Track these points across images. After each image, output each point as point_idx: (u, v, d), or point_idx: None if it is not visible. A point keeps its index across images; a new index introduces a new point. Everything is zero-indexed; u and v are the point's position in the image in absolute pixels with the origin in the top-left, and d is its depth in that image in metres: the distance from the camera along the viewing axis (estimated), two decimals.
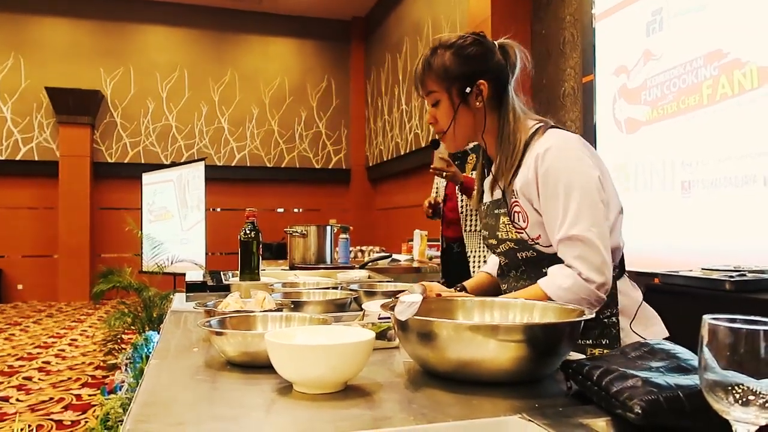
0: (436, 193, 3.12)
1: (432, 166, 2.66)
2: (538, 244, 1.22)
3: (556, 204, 1.17)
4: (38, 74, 8.48)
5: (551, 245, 1.21)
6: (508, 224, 1.26)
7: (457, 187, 2.84)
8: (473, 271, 2.81)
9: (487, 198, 1.36)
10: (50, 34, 8.61)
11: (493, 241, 1.32)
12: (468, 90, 1.26)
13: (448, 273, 2.98)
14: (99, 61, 8.75)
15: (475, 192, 1.45)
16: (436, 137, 1.36)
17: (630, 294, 1.28)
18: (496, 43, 1.31)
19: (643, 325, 1.25)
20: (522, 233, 1.24)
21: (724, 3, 2.93)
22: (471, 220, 2.85)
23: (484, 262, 2.77)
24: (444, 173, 2.62)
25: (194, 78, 9.12)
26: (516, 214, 1.24)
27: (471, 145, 2.94)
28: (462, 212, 2.87)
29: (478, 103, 1.27)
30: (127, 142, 8.86)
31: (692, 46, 3.10)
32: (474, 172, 2.79)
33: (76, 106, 8.43)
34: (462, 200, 2.87)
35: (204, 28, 9.18)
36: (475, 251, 2.84)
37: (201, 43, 9.19)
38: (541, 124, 1.26)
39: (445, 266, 3.04)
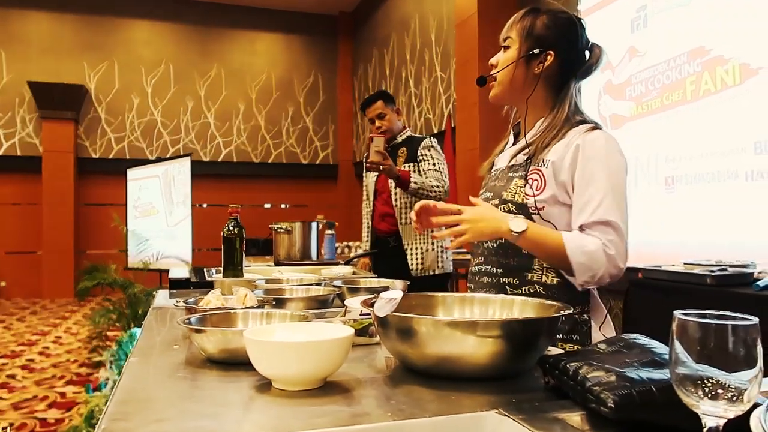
0: (366, 189, 3.13)
1: (369, 159, 2.67)
2: (537, 214, 1.25)
3: (595, 186, 1.20)
4: (20, 68, 8.37)
5: (549, 221, 1.24)
6: (521, 188, 1.28)
7: (390, 181, 2.85)
8: (411, 264, 2.83)
9: (502, 164, 1.39)
10: (33, 28, 8.49)
11: (495, 201, 1.33)
12: (535, 52, 1.31)
13: (381, 267, 2.92)
14: (82, 56, 8.65)
15: (486, 162, 1.49)
16: (486, 77, 1.39)
17: (599, 302, 1.32)
18: (589, 40, 1.36)
19: (607, 332, 1.29)
20: (528, 200, 1.26)
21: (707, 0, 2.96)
22: (406, 213, 2.86)
23: (422, 253, 2.82)
24: (381, 167, 2.63)
25: (180, 73, 9.04)
26: (531, 181, 1.27)
27: (400, 139, 2.97)
28: (397, 205, 2.88)
29: (536, 69, 1.32)
30: (112, 137, 8.77)
31: (676, 43, 3.13)
32: (406, 165, 2.86)
33: (59, 100, 8.33)
34: (396, 193, 2.87)
35: (189, 23, 9.10)
36: (413, 244, 2.85)
37: (186, 37, 9.10)
38: (594, 124, 1.29)
39: (379, 260, 3.00)
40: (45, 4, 8.51)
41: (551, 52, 1.31)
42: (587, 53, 1.35)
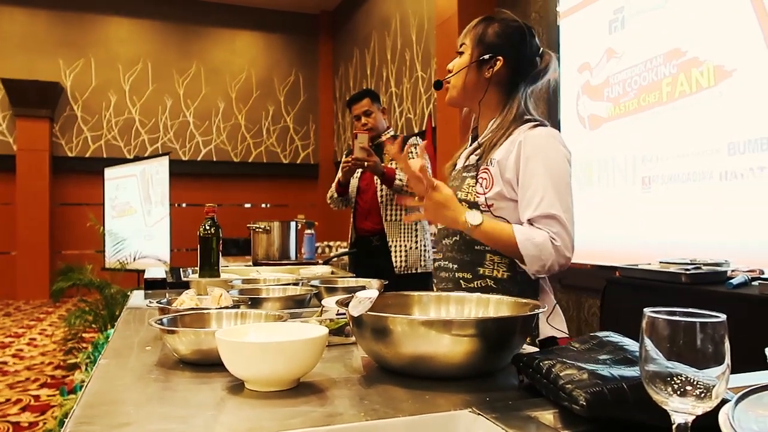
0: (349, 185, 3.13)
1: (353, 156, 2.66)
2: (488, 211, 1.33)
3: (537, 181, 1.27)
4: None
5: (501, 217, 1.32)
6: (472, 186, 1.36)
7: (375, 178, 2.86)
8: (395, 262, 2.83)
9: (460, 164, 1.48)
10: (6, 24, 8.31)
11: None
12: (485, 57, 1.39)
13: (364, 265, 2.90)
14: (58, 52, 8.49)
15: (449, 163, 1.57)
16: (442, 81, 1.50)
17: (548, 293, 1.39)
18: (540, 47, 1.44)
19: (556, 322, 1.36)
20: (479, 197, 1.34)
21: (683, 2, 3.00)
22: (391, 210, 2.86)
23: (406, 251, 2.82)
24: (365, 163, 2.63)
25: (158, 70, 8.92)
26: (481, 180, 1.35)
27: (385, 137, 2.97)
28: (382, 202, 2.88)
29: (486, 74, 1.40)
30: (88, 135, 8.62)
31: (652, 45, 3.17)
32: (392, 162, 2.87)
33: (34, 98, 8.16)
34: (381, 190, 2.88)
35: (168, 20, 8.98)
36: (397, 241, 2.85)
37: (165, 34, 8.99)
38: (537, 122, 1.36)
39: (362, 259, 2.98)
40: None
41: (500, 57, 1.39)
42: (538, 59, 1.42)
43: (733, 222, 2.65)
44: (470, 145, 1.50)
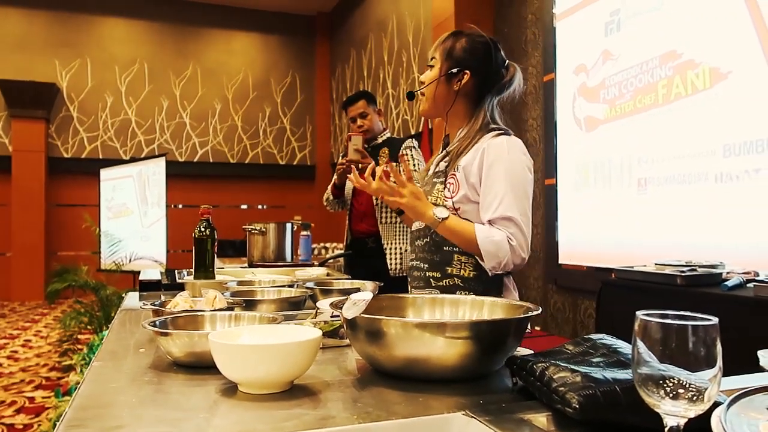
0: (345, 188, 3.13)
1: (347, 158, 2.66)
2: (456, 214, 1.41)
3: (497, 186, 1.37)
4: None
5: (467, 220, 1.40)
6: (441, 191, 1.46)
7: None
8: (390, 264, 2.83)
9: (431, 171, 1.56)
10: (2, 25, 8.29)
11: None
12: (454, 71, 1.47)
13: (360, 268, 2.89)
14: (54, 53, 8.47)
15: (424, 169, 1.66)
16: (414, 92, 1.61)
17: (512, 291, 1.47)
18: (506, 60, 1.52)
19: None
20: (447, 201, 1.43)
21: (678, 4, 3.01)
22: (387, 212, 2.86)
23: (401, 253, 2.83)
24: (359, 165, 2.63)
25: (155, 71, 8.90)
26: (449, 185, 1.44)
27: (381, 140, 2.97)
28: (377, 204, 2.88)
29: (455, 86, 1.49)
30: (84, 136, 8.60)
31: (648, 47, 3.18)
32: (388, 165, 2.87)
33: (29, 99, 8.14)
34: None
35: (165, 21, 8.97)
36: (392, 243, 2.85)
37: (162, 35, 8.98)
38: (501, 131, 1.45)
39: (357, 261, 2.98)
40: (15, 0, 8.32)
41: (467, 71, 1.47)
42: (504, 72, 1.50)
43: (729, 224, 2.66)
44: (441, 153, 1.57)
